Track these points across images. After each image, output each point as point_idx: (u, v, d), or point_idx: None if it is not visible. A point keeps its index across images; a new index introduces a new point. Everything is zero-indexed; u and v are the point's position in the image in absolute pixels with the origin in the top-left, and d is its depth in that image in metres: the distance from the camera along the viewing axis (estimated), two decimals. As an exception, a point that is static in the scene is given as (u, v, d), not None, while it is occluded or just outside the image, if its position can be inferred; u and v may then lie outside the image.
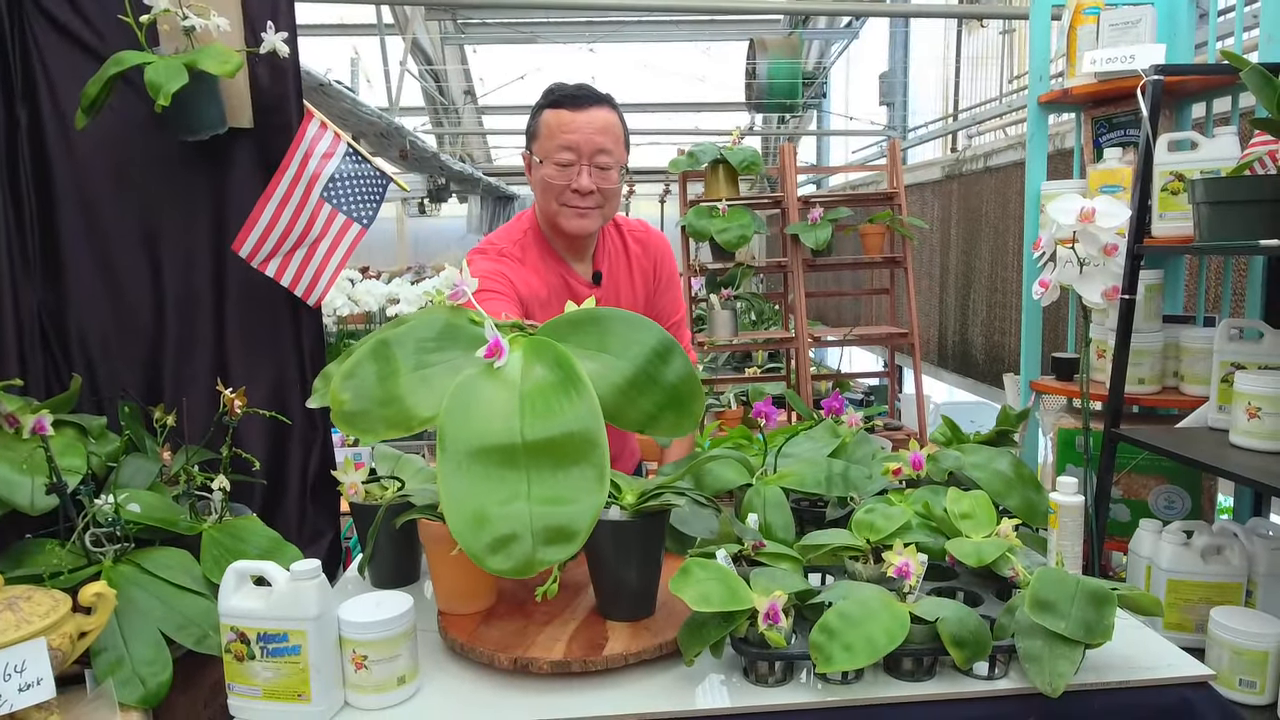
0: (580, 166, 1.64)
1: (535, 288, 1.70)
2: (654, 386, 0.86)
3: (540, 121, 1.67)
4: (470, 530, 0.74)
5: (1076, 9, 2.22)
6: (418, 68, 9.62)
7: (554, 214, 1.69)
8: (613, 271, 1.82)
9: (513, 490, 0.75)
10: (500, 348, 0.76)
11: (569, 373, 0.77)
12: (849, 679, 1.22)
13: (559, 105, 1.65)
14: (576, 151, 1.63)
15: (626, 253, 1.85)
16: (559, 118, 1.64)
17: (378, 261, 11.61)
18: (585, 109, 1.63)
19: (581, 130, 1.62)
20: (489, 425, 0.76)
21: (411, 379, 0.78)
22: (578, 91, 1.66)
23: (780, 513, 1.58)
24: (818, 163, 10.53)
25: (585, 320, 0.84)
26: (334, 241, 1.88)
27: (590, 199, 1.66)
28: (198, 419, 1.80)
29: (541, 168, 1.67)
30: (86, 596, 1.24)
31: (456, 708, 1.20)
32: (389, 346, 0.78)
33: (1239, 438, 1.67)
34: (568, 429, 0.76)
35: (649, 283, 1.87)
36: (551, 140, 1.64)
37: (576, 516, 0.74)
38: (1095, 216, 1.66)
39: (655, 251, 1.88)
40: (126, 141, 1.80)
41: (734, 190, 3.29)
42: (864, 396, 4.75)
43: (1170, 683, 1.24)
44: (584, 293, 1.75)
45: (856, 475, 1.68)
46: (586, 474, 0.75)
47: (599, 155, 1.64)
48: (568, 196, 1.66)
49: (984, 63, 6.42)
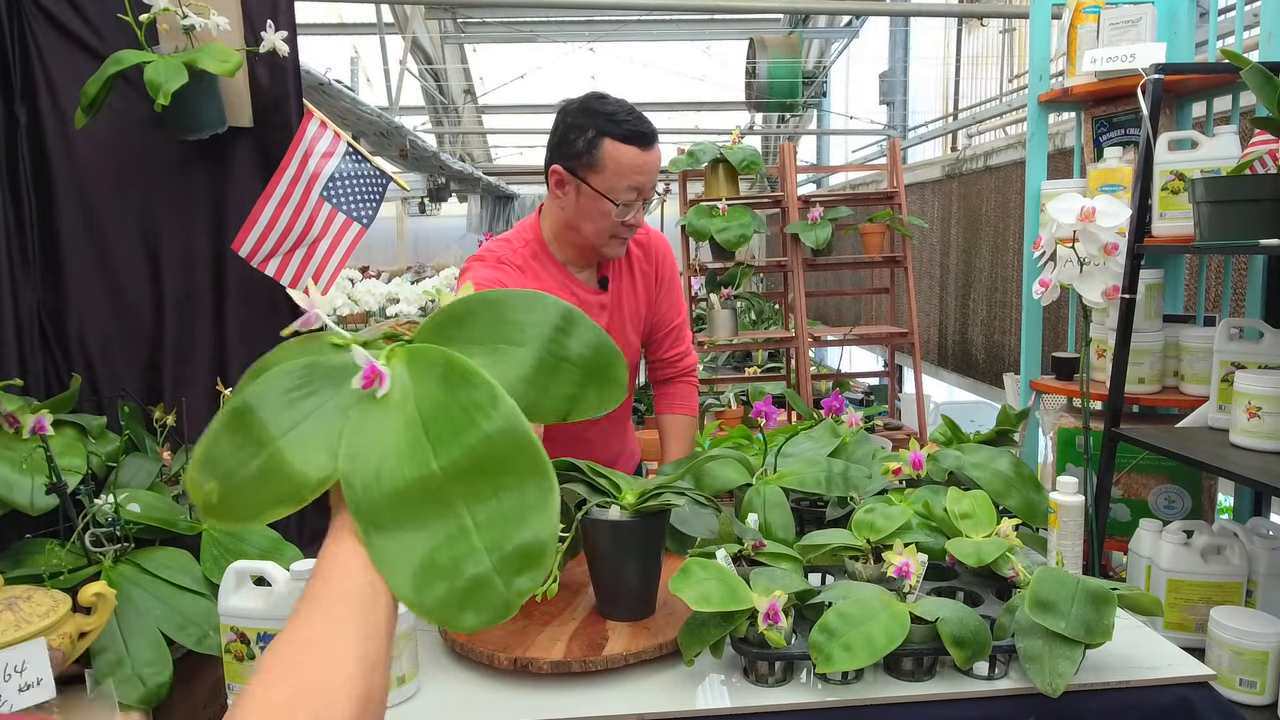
0: (638, 203, 1.64)
1: None
2: (565, 366, 0.72)
3: (604, 153, 1.59)
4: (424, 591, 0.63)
5: (1077, 8, 2.21)
6: (417, 67, 9.61)
7: (601, 243, 1.68)
8: (617, 277, 1.81)
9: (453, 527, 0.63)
10: (378, 374, 0.64)
11: (464, 375, 0.66)
12: (849, 679, 1.22)
13: (630, 141, 1.59)
14: (642, 191, 1.63)
15: (629, 256, 1.83)
16: (631, 157, 1.59)
17: (378, 261, 11.62)
18: (652, 148, 1.62)
19: (649, 172, 1.62)
20: (396, 466, 0.64)
21: (286, 442, 0.64)
22: (643, 127, 1.61)
23: (780, 512, 1.58)
24: (818, 162, 10.53)
25: (468, 311, 0.72)
26: (334, 241, 1.88)
27: (636, 231, 1.71)
28: (197, 418, 1.80)
29: (596, 199, 1.62)
30: (86, 596, 1.24)
31: (456, 708, 1.20)
32: (249, 411, 0.64)
33: (1239, 437, 1.67)
34: (486, 436, 0.64)
35: (651, 286, 1.86)
36: (621, 179, 1.60)
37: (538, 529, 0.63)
38: (1095, 216, 1.65)
39: (656, 253, 1.87)
40: (126, 141, 1.80)
41: (734, 189, 3.29)
42: (864, 396, 4.74)
43: (1170, 683, 1.24)
44: (589, 299, 1.76)
45: (856, 475, 1.68)
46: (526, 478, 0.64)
47: (648, 191, 1.66)
48: (619, 229, 1.66)
49: (984, 62, 6.42)
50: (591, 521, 1.35)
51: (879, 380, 4.84)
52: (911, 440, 1.89)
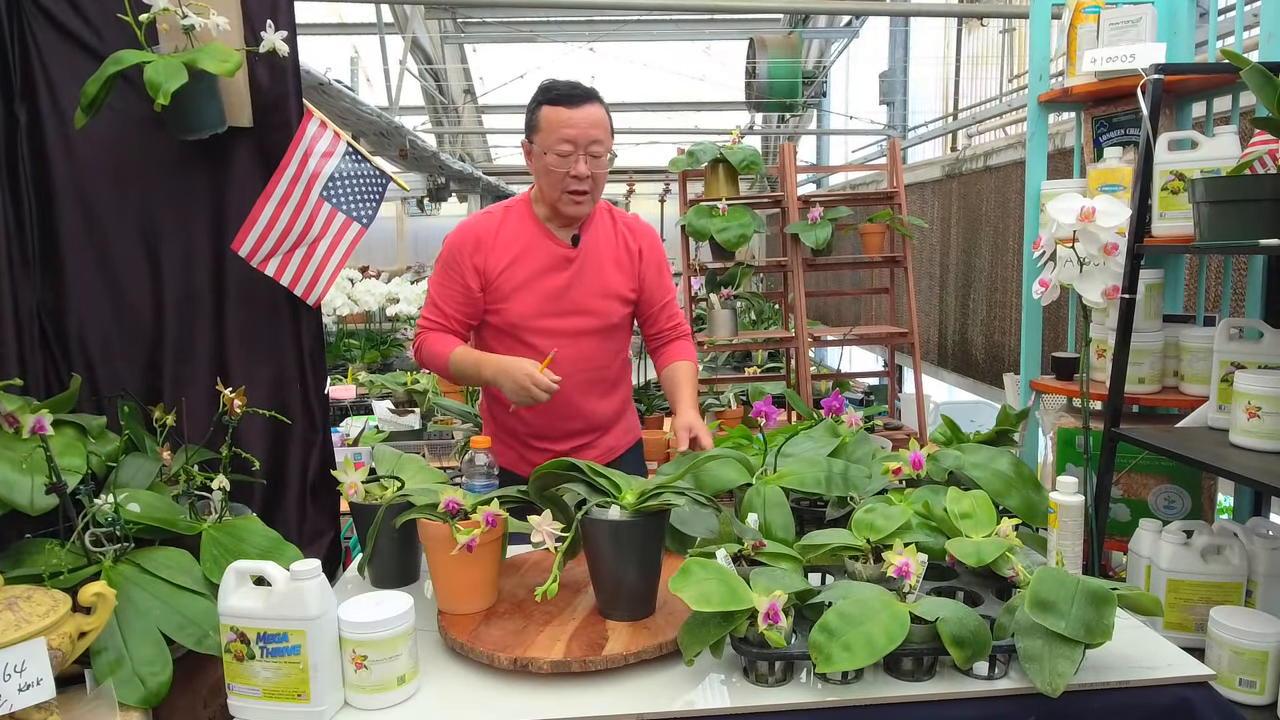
0: (578, 156, 1.85)
1: (508, 244, 1.94)
2: None
3: (540, 116, 1.88)
4: None
5: (1077, 8, 2.21)
6: (417, 67, 9.61)
7: (556, 199, 1.91)
8: (594, 241, 1.99)
9: None
10: None
11: None
12: (849, 679, 1.22)
13: (557, 103, 1.86)
14: (574, 144, 1.85)
15: (614, 231, 2.02)
16: (558, 115, 1.85)
17: (377, 260, 11.60)
18: (580, 106, 1.85)
19: (578, 125, 1.84)
20: None
21: None
22: (572, 91, 1.86)
23: (780, 512, 1.58)
24: (818, 162, 10.52)
25: None
26: (334, 241, 1.88)
27: (585, 183, 1.88)
28: (197, 418, 1.79)
29: (544, 158, 1.88)
30: (86, 596, 1.24)
31: (456, 708, 1.20)
32: None
33: (1239, 437, 1.67)
34: None
35: (632, 261, 2.02)
36: (552, 134, 1.86)
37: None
38: (1095, 216, 1.66)
39: (642, 236, 2.05)
40: (126, 141, 1.80)
41: (734, 189, 3.29)
42: (864, 396, 4.74)
43: (1170, 682, 1.24)
44: (558, 251, 1.94)
45: (856, 475, 1.68)
46: None
47: (593, 145, 1.86)
48: (568, 183, 1.87)
49: (984, 62, 6.42)
50: (591, 521, 1.35)
51: (879, 380, 4.85)
52: (911, 440, 1.89)
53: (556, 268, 1.94)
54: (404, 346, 5.14)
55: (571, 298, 1.94)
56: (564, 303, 1.94)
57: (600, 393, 2.02)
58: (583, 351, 1.96)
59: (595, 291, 1.97)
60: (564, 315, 1.94)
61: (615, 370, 2.06)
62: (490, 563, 1.42)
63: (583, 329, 1.96)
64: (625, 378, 2.13)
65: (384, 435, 2.95)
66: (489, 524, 1.36)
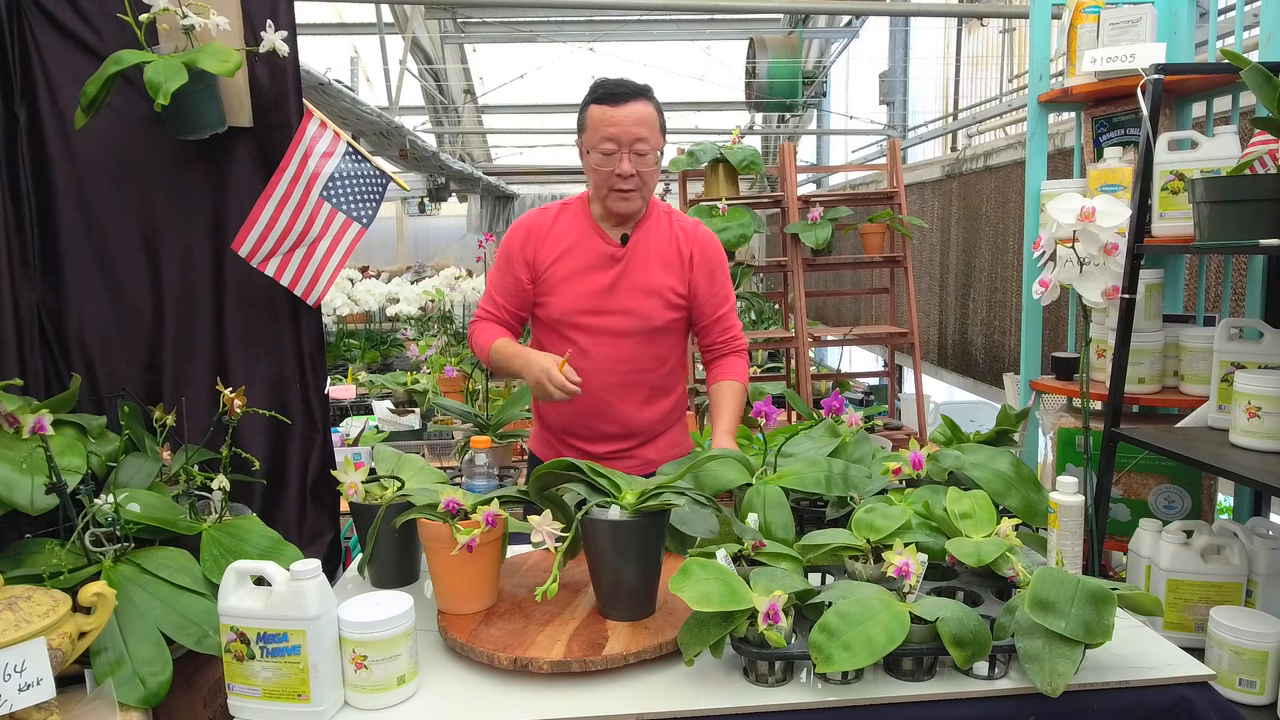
0: (621, 154, 1.85)
1: (559, 239, 1.95)
2: None
3: (587, 116, 1.89)
4: None
5: (1077, 8, 2.21)
6: (417, 67, 9.61)
7: (604, 197, 1.92)
8: (644, 241, 1.96)
9: None
10: None
11: None
12: (849, 679, 1.22)
13: (601, 101, 1.86)
14: (617, 142, 1.85)
15: (668, 233, 1.99)
16: (602, 113, 1.85)
17: (377, 260, 11.62)
18: (624, 104, 1.84)
19: (621, 123, 1.84)
20: None
21: None
22: (617, 89, 1.86)
23: (780, 512, 1.58)
24: (818, 162, 10.52)
25: None
26: (334, 241, 1.88)
27: (631, 181, 1.87)
28: (197, 418, 1.79)
29: (587, 156, 1.91)
30: (86, 596, 1.24)
31: (456, 708, 1.20)
32: None
33: (1239, 437, 1.67)
34: None
35: (682, 265, 1.97)
36: (596, 133, 1.86)
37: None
38: (1095, 216, 1.66)
39: (697, 242, 2.00)
40: (126, 141, 1.80)
41: (734, 189, 3.29)
42: (864, 396, 4.74)
43: (1170, 682, 1.24)
44: (605, 248, 1.94)
45: (856, 475, 1.68)
46: None
47: (637, 144, 1.85)
48: (613, 181, 1.87)
49: (984, 62, 6.41)
50: (591, 521, 1.35)
51: (879, 380, 4.84)
52: (911, 440, 1.89)
53: (602, 265, 1.93)
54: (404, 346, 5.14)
55: (615, 296, 1.93)
56: (607, 300, 1.92)
57: (641, 398, 1.97)
58: (623, 352, 1.93)
59: (638, 290, 1.94)
60: (606, 313, 1.92)
61: (659, 377, 1.99)
62: (490, 563, 1.42)
63: (624, 329, 1.93)
64: (675, 388, 2.05)
65: (384, 435, 2.95)
66: (489, 524, 1.36)
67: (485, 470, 1.76)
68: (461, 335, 5.63)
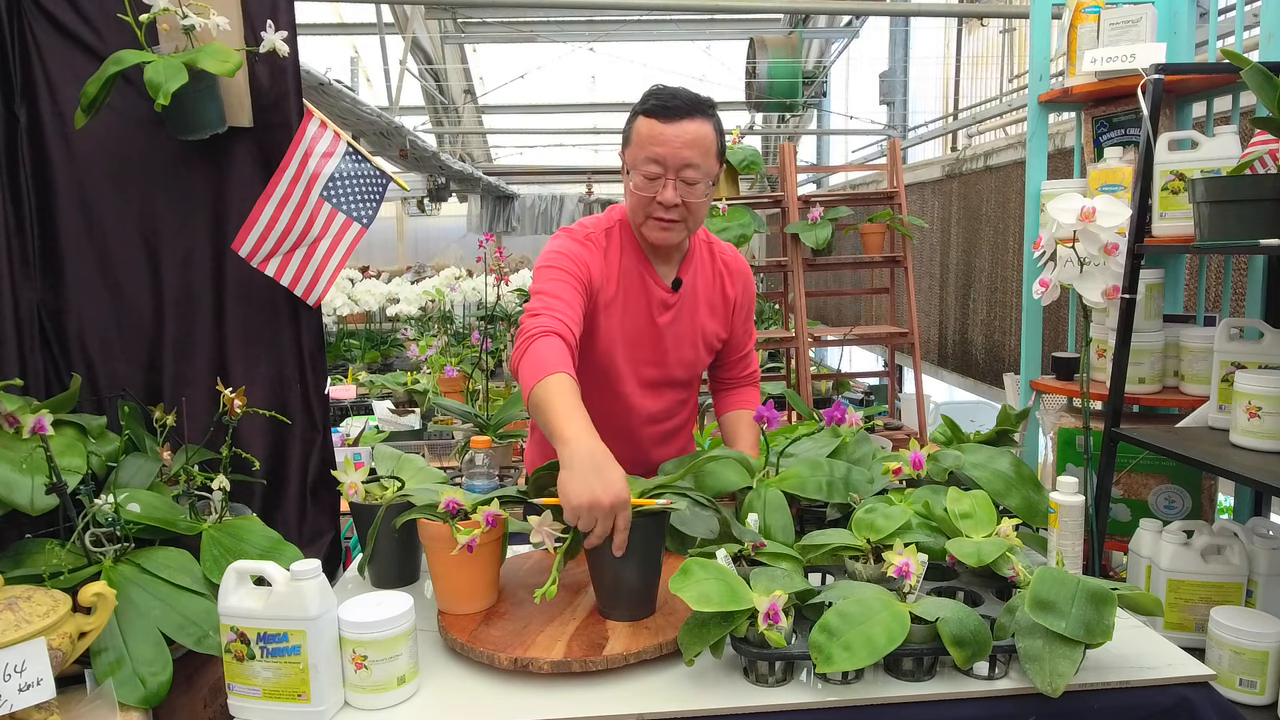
0: (666, 180, 1.61)
1: (607, 280, 1.69)
2: None
3: (633, 128, 1.64)
4: None
5: (1077, 8, 2.21)
6: (418, 67, 9.61)
7: (640, 223, 1.68)
8: (693, 284, 1.78)
9: None
10: None
11: None
12: (849, 679, 1.22)
13: (651, 114, 1.61)
14: (663, 165, 1.60)
15: (713, 272, 1.81)
16: (650, 128, 1.60)
17: (377, 261, 11.62)
18: (676, 121, 1.59)
19: (669, 144, 1.59)
20: None
21: None
22: (671, 101, 1.61)
23: (780, 515, 1.57)
24: (818, 162, 10.52)
25: None
26: (334, 241, 1.88)
27: (674, 212, 1.63)
28: (197, 418, 1.79)
29: (629, 176, 1.66)
30: (86, 596, 1.24)
31: (456, 708, 1.20)
32: None
33: (1239, 437, 1.67)
34: None
35: (726, 309, 1.82)
36: (640, 151, 1.61)
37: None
38: (1095, 216, 1.66)
39: (741, 280, 1.85)
40: (126, 141, 1.80)
41: (734, 189, 3.29)
42: (864, 396, 4.74)
43: (1170, 682, 1.24)
44: (659, 295, 1.74)
45: (858, 479, 1.67)
46: None
47: (685, 170, 1.60)
48: (653, 208, 1.63)
49: (984, 62, 6.42)
50: None
51: (879, 380, 4.84)
52: (911, 440, 1.89)
53: (654, 310, 1.73)
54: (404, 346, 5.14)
55: (663, 345, 1.75)
56: (653, 350, 1.75)
57: (655, 440, 1.86)
58: (661, 404, 1.80)
59: (686, 340, 1.77)
60: (648, 364, 1.76)
61: (679, 421, 1.89)
62: (490, 563, 1.42)
63: (665, 380, 1.78)
64: (689, 423, 1.95)
65: (384, 435, 2.94)
66: (489, 524, 1.36)
67: (485, 470, 1.76)
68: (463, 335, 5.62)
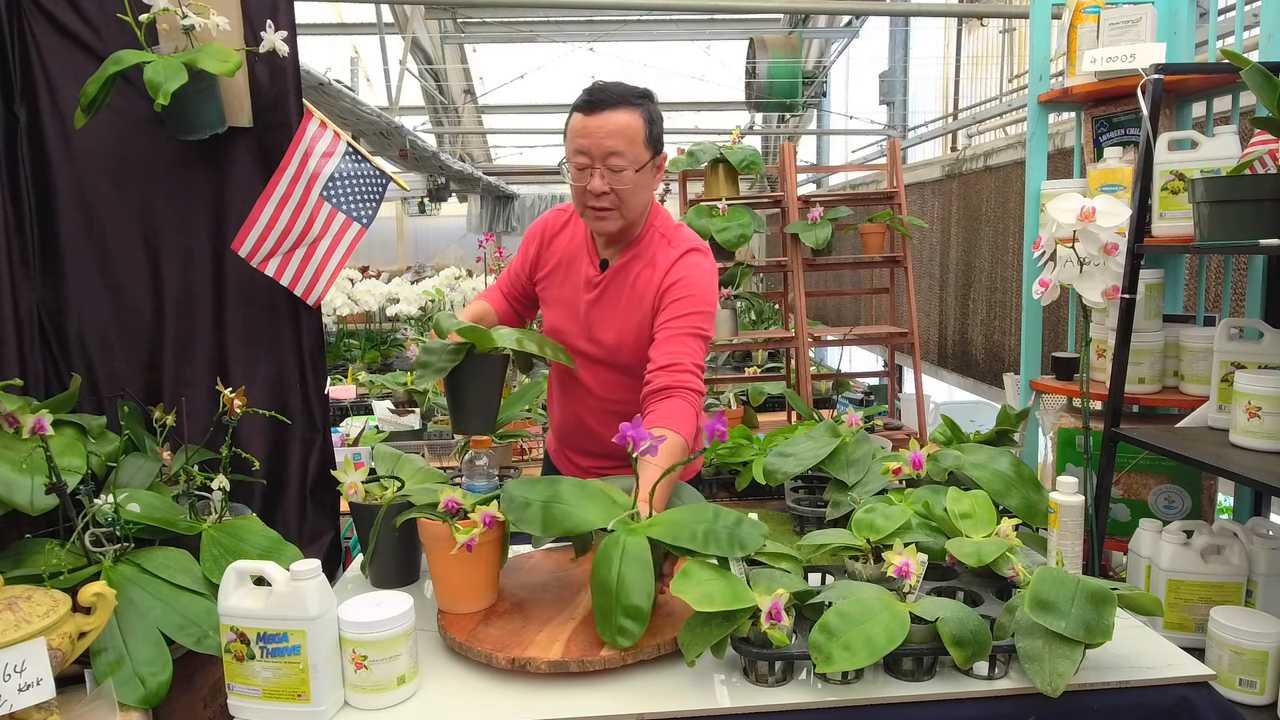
0: (593, 170, 1.65)
1: (559, 249, 1.84)
2: None
3: (567, 126, 1.69)
4: None
5: (1077, 8, 2.21)
6: (417, 67, 9.61)
7: (582, 214, 1.75)
8: (625, 270, 1.76)
9: None
10: None
11: None
12: (849, 679, 1.22)
13: (579, 109, 1.66)
14: (589, 155, 1.65)
15: (654, 263, 1.76)
16: (577, 121, 1.66)
17: (377, 260, 11.62)
18: (599, 113, 1.64)
19: (593, 135, 1.63)
20: None
21: None
22: (597, 95, 1.65)
23: (636, 568, 1.26)
24: (818, 162, 10.52)
25: None
26: (334, 241, 1.88)
27: (605, 199, 1.67)
28: (197, 418, 1.80)
29: (566, 170, 1.72)
30: (86, 596, 1.24)
31: (456, 708, 1.20)
32: None
33: (1239, 437, 1.67)
34: None
35: (654, 302, 1.74)
36: (570, 144, 1.67)
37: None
38: (1095, 215, 1.66)
39: (675, 269, 1.74)
40: (126, 141, 1.80)
41: (734, 189, 3.29)
42: (864, 396, 4.74)
43: (1170, 682, 1.24)
44: (588, 273, 1.79)
45: (749, 533, 1.33)
46: None
47: (610, 158, 1.64)
48: (586, 198, 1.68)
49: (984, 62, 6.41)
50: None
51: (879, 380, 4.84)
52: (911, 440, 1.89)
53: (583, 287, 1.80)
54: (404, 346, 5.14)
55: (588, 322, 1.80)
56: (582, 325, 1.81)
57: (602, 418, 1.84)
58: (600, 380, 1.82)
59: (605, 322, 1.79)
60: (580, 338, 1.81)
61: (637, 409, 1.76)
62: (490, 562, 1.42)
63: (597, 356, 1.81)
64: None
65: (384, 435, 2.94)
66: (487, 524, 1.36)
67: (485, 470, 1.76)
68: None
